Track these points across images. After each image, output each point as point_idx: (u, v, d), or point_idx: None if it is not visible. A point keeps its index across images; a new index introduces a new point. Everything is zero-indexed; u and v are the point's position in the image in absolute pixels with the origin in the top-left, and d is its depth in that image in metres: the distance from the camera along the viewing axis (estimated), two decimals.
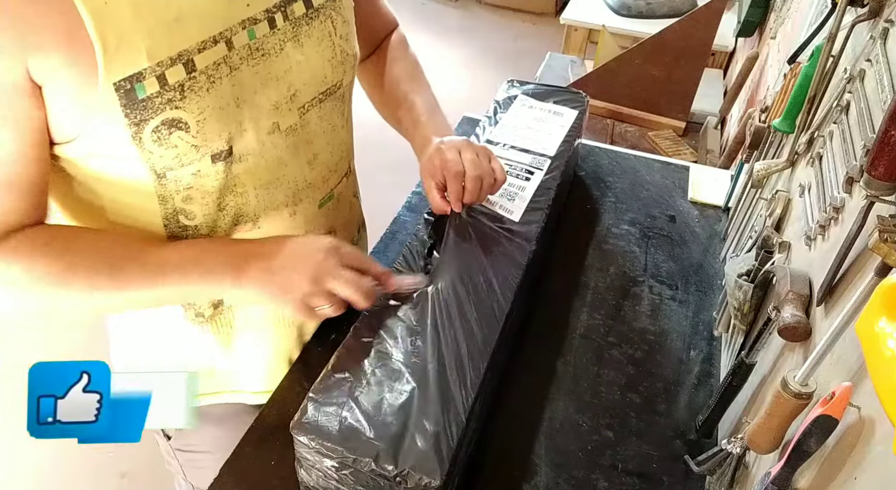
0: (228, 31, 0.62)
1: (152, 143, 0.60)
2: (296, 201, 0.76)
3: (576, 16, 2.47)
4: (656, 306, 0.98)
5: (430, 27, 3.97)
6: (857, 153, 0.60)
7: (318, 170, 0.78)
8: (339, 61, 0.74)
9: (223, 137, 0.64)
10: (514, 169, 0.99)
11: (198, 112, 0.61)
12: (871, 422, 0.46)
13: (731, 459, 0.67)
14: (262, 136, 0.68)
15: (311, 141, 0.75)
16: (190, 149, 0.62)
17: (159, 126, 0.59)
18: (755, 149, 0.99)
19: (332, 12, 0.72)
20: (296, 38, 0.68)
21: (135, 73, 0.57)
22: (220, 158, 0.65)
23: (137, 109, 0.58)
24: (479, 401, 0.70)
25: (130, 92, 0.57)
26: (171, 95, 0.59)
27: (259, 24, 0.65)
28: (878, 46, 0.63)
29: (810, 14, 1.21)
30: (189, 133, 0.61)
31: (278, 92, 0.68)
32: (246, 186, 0.70)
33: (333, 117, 0.78)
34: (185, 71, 0.59)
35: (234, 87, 0.64)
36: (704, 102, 2.07)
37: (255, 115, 0.67)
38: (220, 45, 0.62)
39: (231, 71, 0.63)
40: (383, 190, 1.53)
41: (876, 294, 0.42)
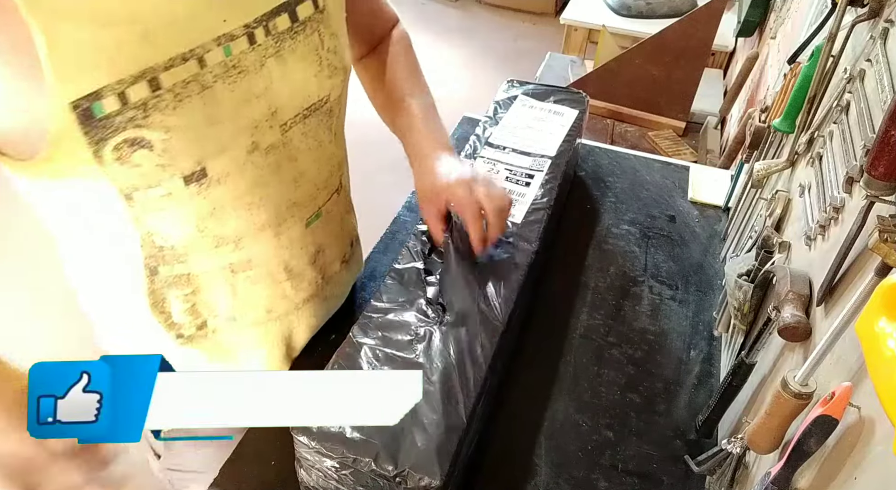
0: (200, 49, 0.58)
1: (114, 161, 0.57)
2: (279, 222, 0.73)
3: (576, 16, 2.48)
4: (656, 306, 0.98)
5: (430, 27, 3.97)
6: (857, 153, 0.60)
7: (305, 188, 0.74)
8: (327, 76, 0.71)
9: (193, 158, 0.61)
10: (514, 173, 0.99)
11: (163, 131, 0.58)
12: (871, 422, 0.46)
13: (731, 459, 0.67)
14: (240, 157, 0.65)
15: (296, 158, 0.71)
16: (155, 169, 0.59)
17: (120, 144, 0.56)
18: (755, 149, 0.99)
19: (319, 25, 0.68)
20: (278, 53, 0.65)
21: (92, 92, 0.53)
22: (193, 180, 0.62)
23: (96, 128, 0.55)
24: (480, 401, 0.70)
25: (88, 111, 0.54)
26: (132, 114, 0.56)
27: (237, 40, 0.61)
28: (878, 46, 0.63)
29: (810, 14, 1.21)
30: (153, 152, 0.58)
31: (257, 110, 0.64)
32: (225, 208, 0.66)
33: (319, 133, 0.74)
34: (150, 89, 0.56)
35: (205, 105, 0.60)
36: (704, 102, 2.07)
37: (232, 135, 0.63)
38: (190, 63, 0.58)
39: (203, 89, 0.59)
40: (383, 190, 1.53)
41: (876, 294, 0.42)
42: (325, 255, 0.82)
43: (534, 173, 0.99)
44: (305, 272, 0.79)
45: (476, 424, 0.72)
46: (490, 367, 0.72)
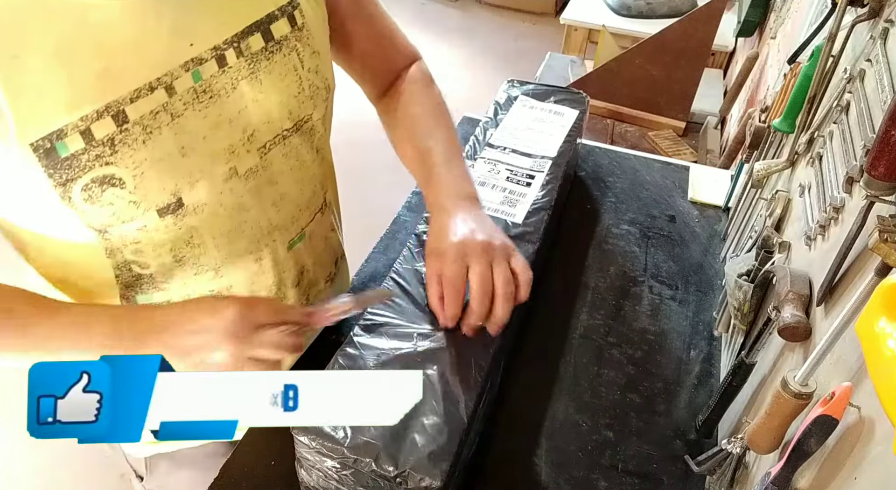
0: (168, 76, 0.56)
1: (83, 202, 0.54)
2: (260, 247, 0.70)
3: (576, 16, 2.48)
4: (656, 306, 0.98)
5: (430, 27, 3.97)
6: (857, 153, 0.60)
7: (286, 210, 0.71)
8: (308, 96, 0.68)
9: (167, 190, 0.58)
10: (515, 173, 0.99)
11: (133, 167, 0.55)
12: (871, 422, 0.46)
13: (731, 459, 0.67)
14: (217, 184, 0.62)
15: (276, 181, 0.69)
16: (128, 205, 0.57)
17: (89, 184, 0.54)
18: (755, 149, 0.99)
19: (297, 44, 0.65)
20: (253, 74, 0.62)
21: (54, 131, 0.51)
22: (169, 212, 0.60)
23: (61, 169, 0.52)
24: (480, 402, 0.70)
25: (51, 151, 0.51)
26: (99, 151, 0.53)
27: (205, 63, 0.58)
28: (878, 46, 0.63)
29: (810, 14, 1.21)
30: (125, 189, 0.56)
31: (232, 135, 0.62)
32: (203, 237, 0.64)
33: (302, 153, 0.71)
34: (115, 123, 0.53)
35: (176, 135, 0.57)
36: (704, 102, 2.07)
37: (207, 163, 0.60)
38: (158, 92, 0.55)
39: (173, 118, 0.57)
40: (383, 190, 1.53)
41: (876, 294, 0.42)
42: (310, 276, 0.80)
43: (534, 174, 0.99)
44: (289, 295, 0.77)
45: (476, 425, 0.72)
46: (490, 368, 0.72)
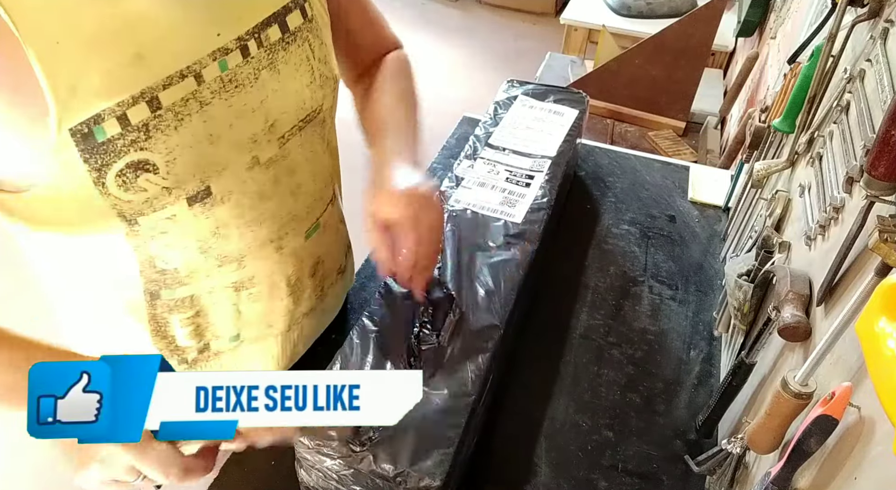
0: (197, 65, 0.57)
1: (117, 187, 0.55)
2: (281, 235, 0.71)
3: (576, 16, 2.48)
4: (656, 306, 0.98)
5: (430, 27, 3.97)
6: (857, 153, 0.60)
7: (303, 200, 0.73)
8: (319, 85, 0.70)
9: (197, 177, 0.60)
10: (514, 174, 0.99)
11: (166, 152, 0.57)
12: (871, 422, 0.46)
13: (731, 459, 0.67)
14: (241, 173, 0.64)
15: (294, 171, 0.70)
16: (161, 191, 0.58)
17: (124, 169, 0.55)
18: (755, 149, 0.99)
19: (308, 34, 0.67)
20: (272, 65, 0.63)
21: (92, 116, 0.52)
22: (197, 200, 0.61)
23: (97, 154, 0.53)
24: (480, 402, 0.70)
25: (89, 136, 0.52)
26: (134, 136, 0.54)
27: (231, 53, 0.60)
28: (878, 46, 0.63)
29: (810, 14, 1.21)
30: (158, 175, 0.57)
31: (255, 124, 0.63)
32: (229, 227, 0.66)
33: (315, 143, 0.73)
34: (150, 109, 0.55)
35: (205, 122, 0.59)
36: (704, 102, 2.07)
37: (233, 151, 0.62)
38: (188, 80, 0.57)
39: (201, 106, 0.58)
40: None
41: (876, 294, 0.42)
42: (324, 267, 0.81)
43: (534, 174, 0.99)
44: (306, 285, 0.78)
45: (476, 424, 0.72)
46: (489, 367, 0.72)
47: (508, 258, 0.84)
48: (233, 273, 0.69)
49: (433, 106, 3.92)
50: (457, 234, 0.86)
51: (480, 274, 0.81)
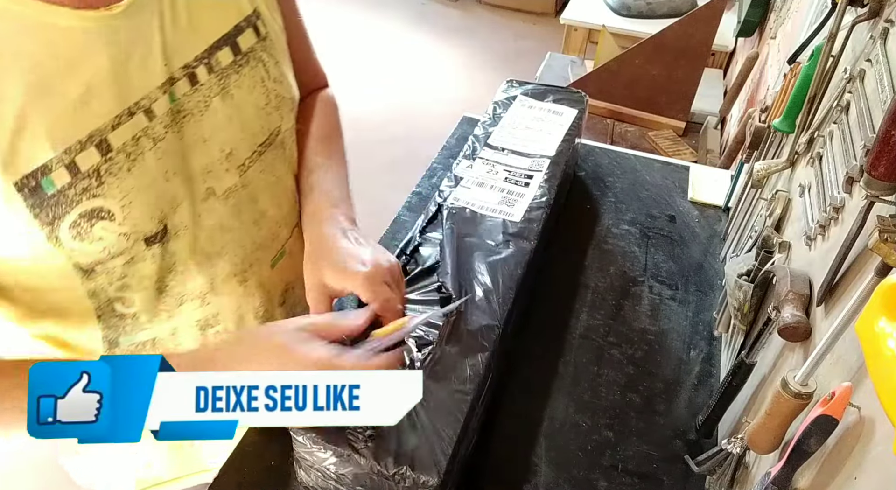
0: (146, 100, 0.53)
1: (72, 239, 0.52)
2: (245, 268, 0.68)
3: (576, 16, 2.48)
4: (656, 306, 0.98)
5: (430, 27, 3.97)
6: (857, 153, 0.60)
7: (267, 228, 0.70)
8: (275, 107, 0.66)
9: (155, 217, 0.56)
10: (513, 174, 0.99)
11: (121, 197, 0.53)
12: (871, 422, 0.46)
13: (731, 459, 0.67)
14: (195, 207, 0.60)
15: (256, 199, 0.67)
16: (118, 238, 0.54)
17: (77, 220, 0.51)
18: (755, 149, 0.99)
19: (262, 54, 0.63)
20: (224, 90, 0.60)
21: (38, 167, 0.48)
22: (156, 240, 0.57)
23: (48, 207, 0.49)
24: (479, 400, 0.70)
25: (36, 189, 0.48)
26: (86, 184, 0.51)
27: (178, 82, 0.56)
28: (878, 46, 0.63)
29: (810, 14, 1.21)
30: (114, 221, 0.53)
31: (208, 154, 0.60)
32: (187, 263, 0.62)
33: (277, 167, 0.70)
34: (100, 153, 0.51)
35: (159, 160, 0.55)
36: (704, 102, 2.07)
37: (185, 185, 0.59)
38: (137, 117, 0.53)
39: (154, 143, 0.54)
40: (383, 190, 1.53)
41: (876, 294, 0.42)
42: (294, 293, 0.78)
43: (532, 174, 0.99)
44: (276, 316, 0.76)
45: (475, 423, 0.72)
46: (488, 366, 0.72)
47: (507, 257, 0.84)
48: (195, 311, 0.66)
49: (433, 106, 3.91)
50: (455, 232, 0.86)
51: (479, 272, 0.81)
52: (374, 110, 3.15)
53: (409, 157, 0.86)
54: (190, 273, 0.63)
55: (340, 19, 3.94)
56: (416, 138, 2.90)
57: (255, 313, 0.72)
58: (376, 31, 3.90)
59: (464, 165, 1.01)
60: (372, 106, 3.18)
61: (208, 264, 0.64)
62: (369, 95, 3.27)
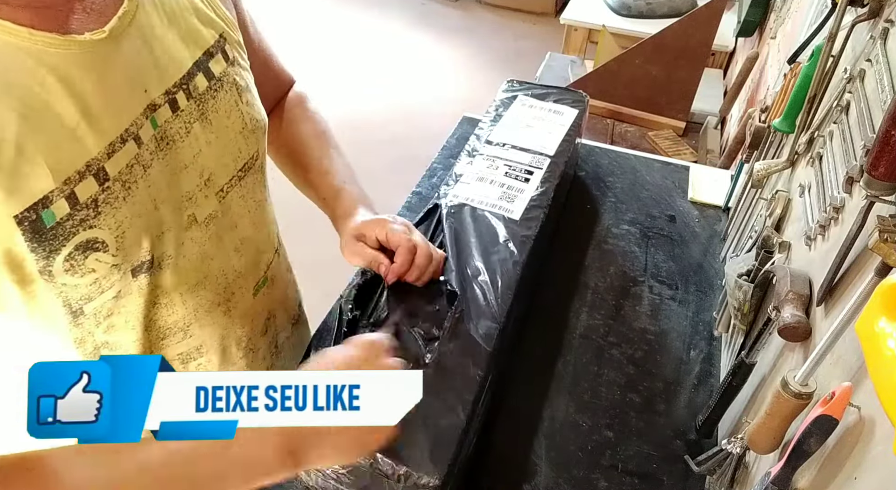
0: (134, 126, 0.53)
1: (64, 273, 0.51)
2: (228, 297, 0.67)
3: (576, 16, 2.48)
4: (656, 306, 0.98)
5: (430, 27, 3.97)
6: (857, 153, 0.60)
7: (248, 255, 0.69)
8: (251, 130, 0.66)
9: (144, 247, 0.56)
10: (513, 169, 0.99)
11: (115, 226, 0.52)
12: (871, 422, 0.46)
13: (731, 459, 0.67)
14: (179, 235, 0.59)
15: (236, 225, 0.67)
16: (110, 270, 0.53)
17: (72, 252, 0.50)
18: (755, 149, 0.99)
19: (235, 78, 0.64)
20: (203, 116, 0.60)
21: (40, 199, 0.47)
22: (142, 270, 0.56)
23: (45, 241, 0.48)
24: (480, 400, 0.70)
25: (37, 222, 0.47)
26: (83, 214, 0.50)
27: (160, 109, 0.55)
28: (878, 46, 0.63)
29: (810, 14, 1.21)
30: (108, 252, 0.52)
31: (189, 181, 0.59)
32: (170, 294, 0.61)
33: (256, 192, 0.70)
34: (97, 183, 0.50)
35: (149, 188, 0.55)
36: (704, 102, 2.07)
37: (170, 213, 0.58)
38: (129, 144, 0.53)
39: (145, 170, 0.54)
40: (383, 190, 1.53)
41: (876, 294, 0.42)
42: (276, 321, 0.78)
43: (533, 170, 0.99)
44: (259, 345, 0.75)
45: (475, 423, 0.72)
46: (488, 366, 0.72)
47: (506, 255, 0.84)
48: (178, 344, 0.65)
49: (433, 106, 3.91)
50: (454, 231, 0.86)
51: (478, 271, 0.81)
52: (374, 110, 3.15)
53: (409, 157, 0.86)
54: (173, 305, 0.62)
55: (341, 19, 3.94)
56: (416, 138, 2.90)
57: (238, 344, 0.71)
58: (376, 31, 3.90)
59: (464, 162, 1.01)
60: (372, 106, 3.18)
61: (191, 295, 0.63)
62: (369, 95, 3.27)
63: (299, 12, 3.91)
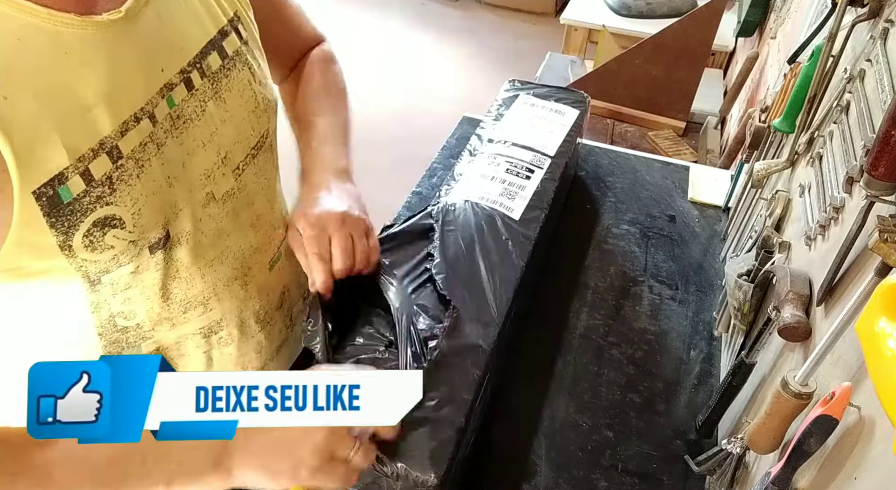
0: (149, 105, 0.54)
1: (84, 248, 0.52)
2: (245, 271, 0.69)
3: (576, 16, 2.47)
4: (656, 306, 0.98)
5: (430, 27, 3.97)
6: (857, 153, 0.60)
7: (263, 230, 0.71)
8: (263, 109, 0.67)
9: (159, 224, 0.57)
10: (514, 166, 0.99)
11: (131, 204, 0.54)
12: (871, 422, 0.46)
13: (731, 459, 0.67)
14: (196, 212, 0.61)
15: (252, 202, 0.68)
16: (128, 246, 0.55)
17: (91, 229, 0.52)
18: (755, 149, 0.99)
19: (247, 57, 0.65)
20: (217, 94, 0.61)
21: (56, 175, 0.48)
22: (159, 247, 0.58)
23: (64, 216, 0.50)
24: (478, 400, 0.70)
25: (54, 197, 0.49)
26: (99, 192, 0.51)
27: (176, 88, 0.57)
28: (878, 46, 0.63)
29: (810, 14, 1.21)
30: (125, 229, 0.54)
31: (207, 159, 0.61)
32: (190, 269, 0.62)
33: (268, 170, 0.71)
34: (111, 160, 0.52)
35: (163, 165, 0.56)
36: (704, 102, 2.07)
37: (187, 190, 0.59)
38: (143, 123, 0.54)
39: (158, 148, 0.55)
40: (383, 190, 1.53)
41: (876, 294, 0.42)
42: (290, 295, 0.79)
43: (533, 168, 0.99)
44: (275, 318, 0.76)
45: (474, 423, 0.72)
46: (486, 365, 0.72)
47: (506, 255, 0.84)
48: (199, 318, 0.66)
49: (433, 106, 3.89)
50: (453, 230, 0.86)
51: (477, 270, 0.81)
52: (374, 110, 3.15)
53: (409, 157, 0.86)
54: (193, 279, 0.64)
55: (340, 19, 3.94)
56: (416, 138, 2.90)
57: (256, 317, 0.73)
58: (376, 31, 3.90)
59: (465, 161, 1.01)
60: (372, 106, 3.18)
61: (210, 269, 0.65)
62: (369, 95, 3.27)
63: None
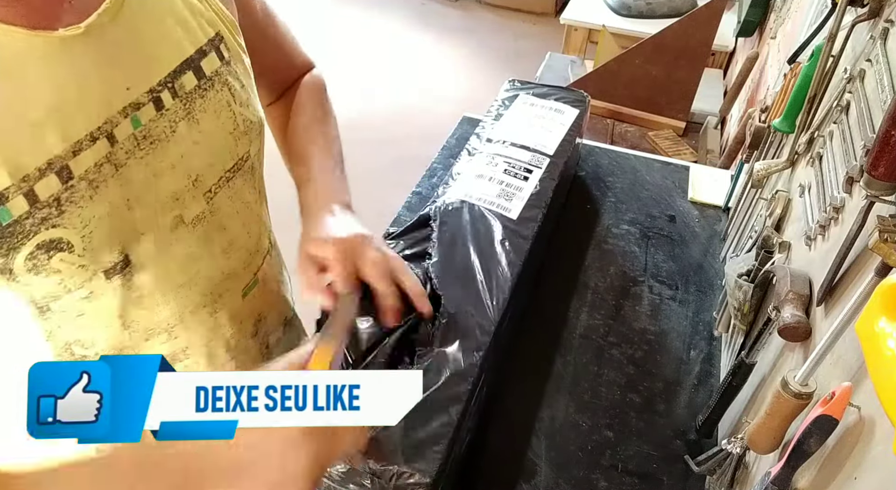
0: (108, 124, 0.51)
1: (26, 272, 0.49)
2: (215, 299, 0.66)
3: (576, 16, 2.48)
4: (656, 306, 0.98)
5: (430, 27, 3.97)
6: (857, 153, 0.60)
7: (237, 256, 0.68)
8: (243, 132, 0.64)
9: (115, 248, 0.54)
10: (513, 167, 0.99)
11: (81, 226, 0.51)
12: (871, 422, 0.46)
13: (731, 459, 0.67)
14: (163, 236, 0.58)
15: (225, 226, 0.65)
16: (76, 270, 0.52)
17: (34, 252, 0.49)
18: (755, 149, 0.99)
19: (228, 78, 0.62)
20: (189, 115, 0.58)
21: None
22: (116, 272, 0.55)
23: (3, 237, 0.47)
24: (473, 400, 0.70)
25: None
26: (45, 213, 0.48)
27: (143, 108, 0.54)
28: (878, 46, 0.63)
29: (810, 14, 1.21)
30: (73, 253, 0.51)
31: (176, 181, 0.58)
32: (154, 295, 0.59)
33: (245, 193, 0.68)
34: (60, 181, 0.49)
35: (122, 187, 0.53)
36: (704, 102, 2.07)
37: (152, 214, 0.57)
38: (100, 143, 0.51)
39: (117, 169, 0.52)
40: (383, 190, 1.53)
41: (876, 294, 0.42)
42: (267, 323, 0.77)
43: (532, 168, 0.99)
44: (249, 347, 0.74)
45: (469, 423, 0.72)
46: (482, 364, 0.72)
47: (503, 255, 0.84)
48: (163, 346, 0.64)
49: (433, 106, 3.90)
50: (451, 229, 0.86)
51: (474, 270, 0.81)
52: (374, 110, 3.15)
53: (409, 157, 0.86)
54: (157, 306, 0.61)
55: (340, 19, 3.94)
56: (416, 138, 2.90)
57: (227, 346, 0.70)
58: (376, 30, 3.90)
59: (464, 161, 1.01)
60: (372, 106, 3.18)
61: (176, 296, 0.62)
62: (369, 95, 3.27)
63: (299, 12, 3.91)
